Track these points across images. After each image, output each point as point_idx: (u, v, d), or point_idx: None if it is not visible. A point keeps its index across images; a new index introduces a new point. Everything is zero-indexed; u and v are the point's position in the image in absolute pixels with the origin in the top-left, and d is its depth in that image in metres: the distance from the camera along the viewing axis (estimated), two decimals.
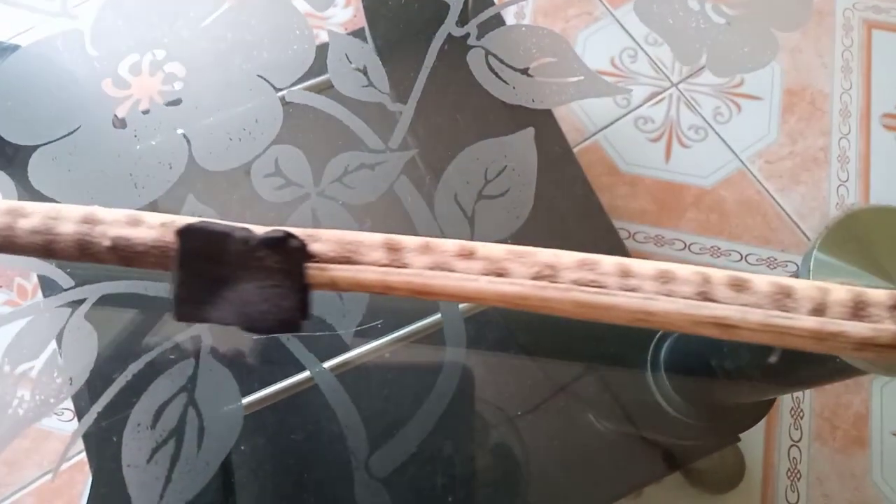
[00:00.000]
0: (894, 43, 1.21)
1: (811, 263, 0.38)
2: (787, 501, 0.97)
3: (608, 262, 0.23)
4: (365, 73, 0.42)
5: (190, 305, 0.20)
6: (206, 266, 0.18)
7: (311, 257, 0.22)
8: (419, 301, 0.25)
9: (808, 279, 0.33)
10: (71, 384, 0.37)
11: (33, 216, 0.21)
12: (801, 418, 1.00)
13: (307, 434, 0.40)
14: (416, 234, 0.39)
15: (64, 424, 1.01)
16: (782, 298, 0.20)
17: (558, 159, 0.46)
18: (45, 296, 0.44)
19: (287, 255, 0.22)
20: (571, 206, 0.45)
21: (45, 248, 0.21)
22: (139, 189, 0.39)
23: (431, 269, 0.23)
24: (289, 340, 0.38)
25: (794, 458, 1.00)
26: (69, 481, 1.03)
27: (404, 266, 0.23)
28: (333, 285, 0.22)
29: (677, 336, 0.57)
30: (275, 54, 0.42)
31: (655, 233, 1.15)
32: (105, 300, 0.38)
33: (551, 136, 0.46)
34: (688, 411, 0.57)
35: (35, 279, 1.07)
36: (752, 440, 1.01)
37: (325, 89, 0.42)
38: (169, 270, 0.22)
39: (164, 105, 0.42)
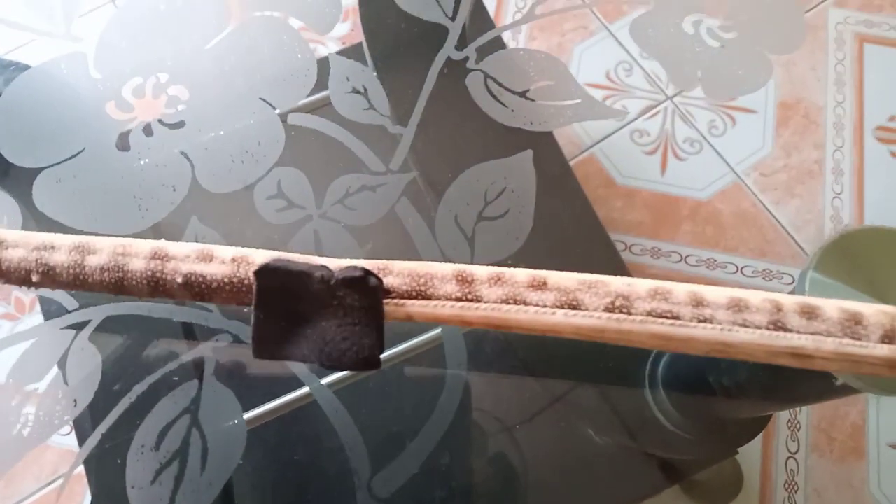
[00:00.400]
0: (886, 56, 1.23)
1: (807, 283, 0.39)
2: None
3: (680, 290, 0.23)
4: (366, 95, 0.43)
5: (269, 343, 0.20)
6: (285, 304, 0.19)
7: (387, 293, 0.23)
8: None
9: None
10: (75, 405, 0.37)
11: (101, 253, 0.22)
12: (799, 430, 1.01)
13: (309, 453, 0.41)
14: (417, 255, 0.40)
15: (62, 438, 1.01)
16: (852, 325, 0.21)
17: (557, 179, 0.47)
18: (44, 314, 0.44)
19: (365, 292, 0.22)
20: (571, 226, 0.46)
21: (115, 285, 0.21)
22: (143, 211, 0.40)
23: (505, 301, 0.23)
24: (296, 365, 0.38)
25: (791, 469, 1.01)
26: (68, 493, 1.02)
27: (478, 299, 0.23)
28: (409, 320, 0.23)
29: (675, 353, 0.58)
30: (277, 77, 0.42)
31: (652, 245, 1.16)
32: (109, 322, 0.39)
33: (550, 157, 0.47)
34: (685, 426, 0.58)
35: (33, 293, 1.07)
36: (749, 452, 1.01)
37: (325, 109, 0.43)
38: (242, 305, 0.22)
39: (167, 127, 0.42)
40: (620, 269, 0.48)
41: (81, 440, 0.38)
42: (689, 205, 1.15)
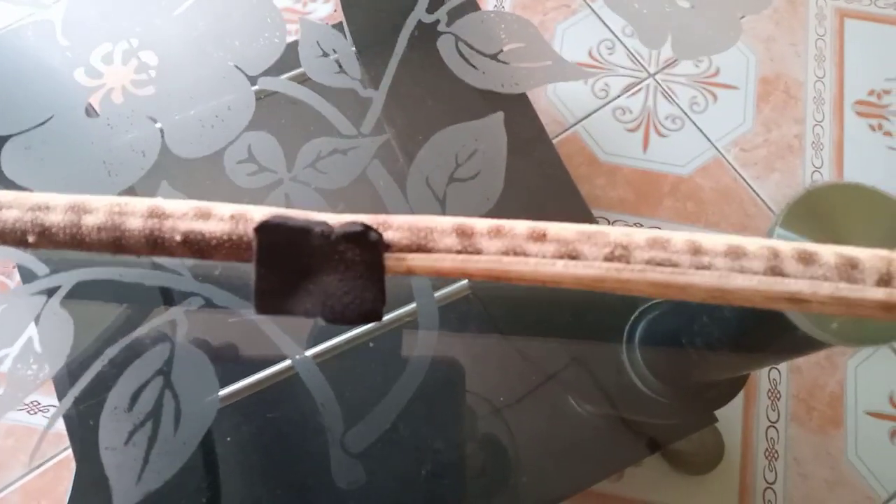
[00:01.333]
0: (866, 31, 1.23)
1: (773, 238, 0.39)
2: (766, 481, 0.98)
3: (678, 239, 0.23)
4: (336, 60, 0.43)
5: (271, 298, 0.20)
6: (286, 260, 0.19)
7: (387, 247, 0.23)
8: (397, 289, 0.25)
9: None
10: (48, 370, 0.37)
11: (98, 212, 0.21)
12: (779, 400, 1.02)
13: (284, 414, 0.41)
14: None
15: (44, 421, 1.00)
16: (849, 269, 0.21)
17: (532, 142, 0.47)
18: (22, 279, 0.44)
19: (366, 246, 0.22)
20: (544, 187, 0.46)
21: (113, 244, 0.21)
22: (113, 177, 0.40)
23: (506, 253, 0.23)
24: (268, 326, 0.39)
25: (771, 438, 1.02)
26: (55, 478, 1.02)
27: (478, 252, 0.23)
28: (410, 273, 0.23)
29: (653, 316, 0.58)
30: (247, 43, 0.42)
31: (634, 221, 1.17)
32: (81, 287, 0.39)
33: (525, 120, 0.47)
34: (662, 391, 0.58)
35: (17, 276, 1.06)
36: (730, 422, 1.03)
37: (295, 74, 0.43)
38: (242, 261, 0.22)
39: (136, 93, 0.42)
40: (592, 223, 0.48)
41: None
42: (671, 181, 1.15)
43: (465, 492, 0.44)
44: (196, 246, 0.21)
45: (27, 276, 0.39)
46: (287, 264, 0.19)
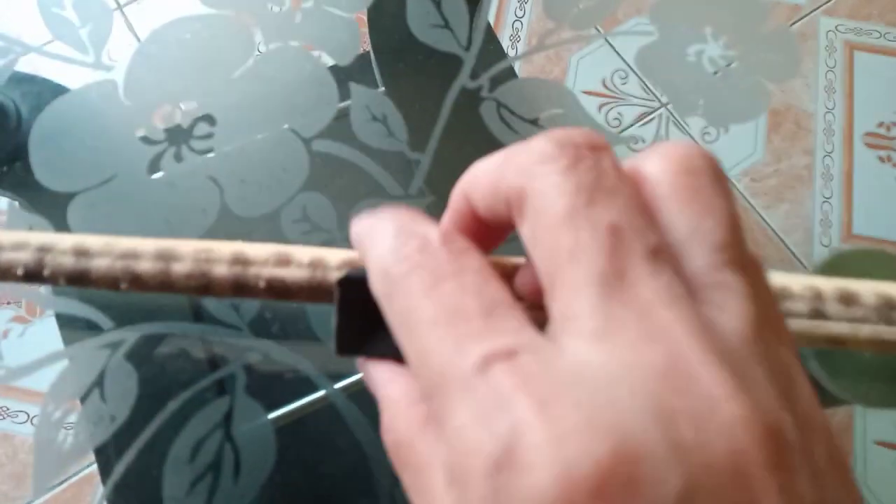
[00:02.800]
0: (876, 64, 1.26)
1: None
2: None
3: None
4: (385, 123, 0.45)
5: (350, 342, 0.22)
6: (365, 309, 0.21)
7: None
8: None
9: None
10: (113, 422, 0.39)
11: (185, 260, 0.23)
12: None
13: (334, 463, 0.43)
14: None
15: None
16: (887, 311, 0.21)
17: None
18: (58, 322, 0.45)
19: None
20: None
21: (202, 290, 0.23)
22: (175, 234, 0.42)
23: None
24: (318, 377, 0.41)
25: None
26: (77, 494, 1.04)
27: None
28: None
29: None
30: (300, 105, 0.45)
31: None
32: (144, 341, 0.41)
33: None
34: None
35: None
36: None
37: (347, 136, 0.45)
38: (322, 302, 0.24)
39: (196, 153, 0.44)
40: None
41: (101, 459, 0.40)
42: None
43: None
44: (278, 291, 0.24)
45: (92, 328, 0.42)
46: (365, 313, 0.21)
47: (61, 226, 0.43)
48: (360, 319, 0.20)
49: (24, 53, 0.49)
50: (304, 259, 0.23)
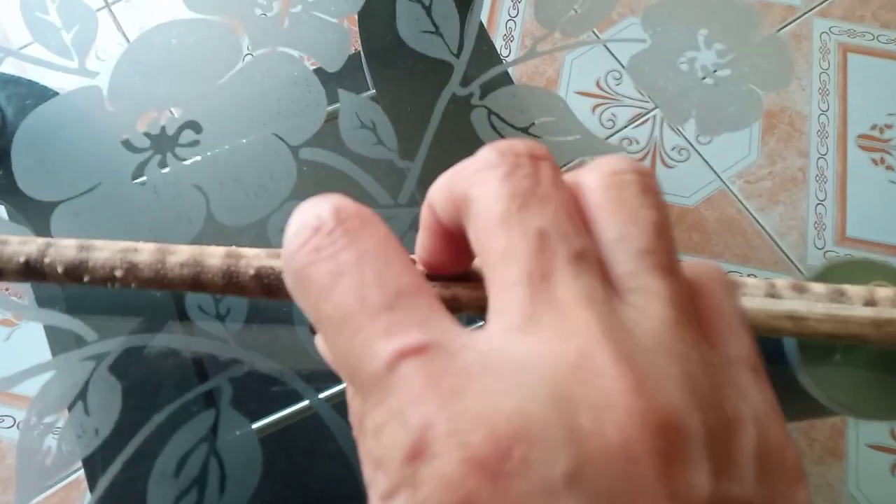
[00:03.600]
0: (869, 66, 1.25)
1: None
2: None
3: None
4: (374, 130, 0.44)
5: None
6: None
7: (433, 278, 0.25)
8: None
9: None
10: (96, 435, 0.39)
11: (181, 253, 0.24)
12: None
13: (321, 479, 0.42)
14: None
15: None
16: (837, 296, 0.23)
17: None
18: (49, 343, 0.45)
19: None
20: None
21: (192, 279, 0.24)
22: (160, 244, 0.41)
23: None
24: (305, 388, 0.40)
25: None
26: (65, 499, 1.03)
27: None
28: (456, 302, 0.24)
29: None
30: (288, 112, 0.44)
31: None
32: (128, 353, 0.40)
33: None
34: None
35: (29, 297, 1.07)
36: None
37: (335, 143, 0.45)
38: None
39: (182, 161, 0.44)
40: None
41: (88, 472, 0.40)
42: (676, 211, 1.17)
43: None
44: (266, 280, 0.24)
45: (77, 341, 0.41)
46: None
47: (44, 235, 0.42)
48: None
49: (5, 58, 0.48)
50: None
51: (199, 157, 0.43)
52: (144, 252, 0.25)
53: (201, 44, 0.45)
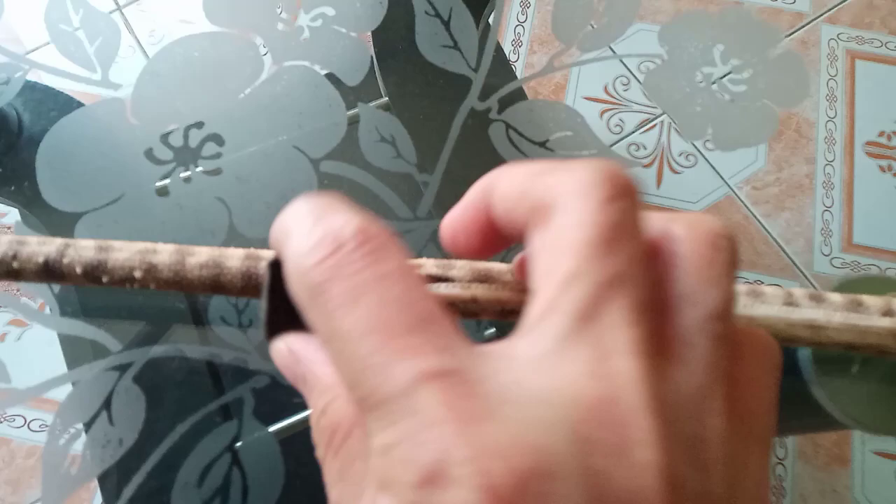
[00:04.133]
0: (877, 73, 1.26)
1: None
2: None
3: None
4: (393, 144, 0.45)
5: (280, 327, 0.22)
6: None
7: (448, 279, 0.24)
8: None
9: None
10: (121, 444, 0.39)
11: (201, 254, 0.24)
12: (786, 437, 1.04)
13: None
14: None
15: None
16: (855, 306, 0.23)
17: None
18: (63, 349, 0.45)
19: None
20: None
21: (212, 281, 0.23)
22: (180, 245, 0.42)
23: None
24: None
25: (779, 475, 1.04)
26: (74, 498, 1.04)
27: None
28: (475, 303, 0.24)
29: None
30: (309, 126, 0.44)
31: None
32: (152, 363, 0.41)
33: None
34: None
35: (39, 300, 1.08)
36: None
37: (355, 157, 0.45)
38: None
39: (204, 174, 0.44)
40: None
41: (108, 482, 0.40)
42: None
43: None
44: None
45: (95, 348, 0.42)
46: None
47: None
48: (291, 303, 0.20)
49: (29, 69, 0.49)
50: None
51: (221, 171, 0.44)
52: (164, 253, 0.24)
53: (223, 57, 0.45)
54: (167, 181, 0.44)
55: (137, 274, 0.25)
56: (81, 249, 0.25)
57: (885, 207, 1.21)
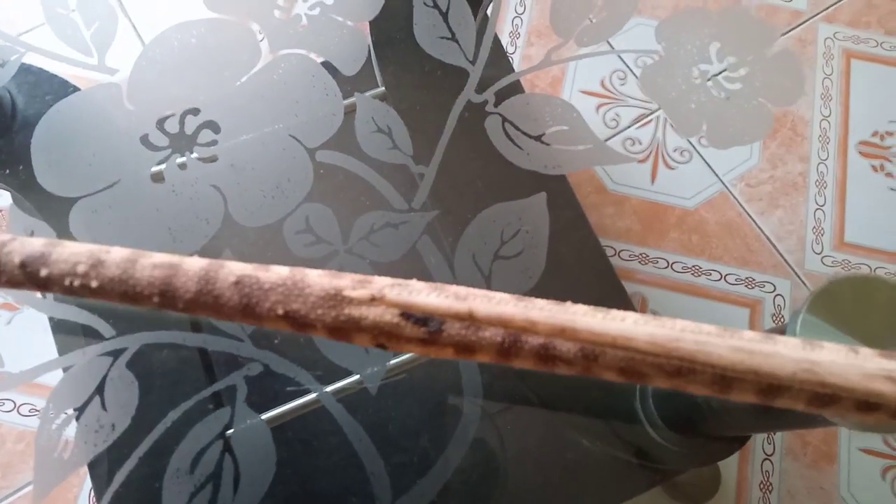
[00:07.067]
0: (872, 73, 1.26)
1: (798, 324, 0.42)
2: None
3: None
4: (390, 135, 0.45)
5: None
6: None
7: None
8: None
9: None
10: (113, 430, 0.39)
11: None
12: (774, 433, 1.05)
13: (333, 478, 0.43)
14: None
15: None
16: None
17: (570, 221, 0.49)
18: (54, 334, 0.45)
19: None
20: (582, 268, 0.49)
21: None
22: (177, 242, 0.42)
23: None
24: (321, 392, 0.41)
25: (766, 471, 1.05)
26: (64, 485, 1.04)
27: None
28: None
29: None
30: (306, 115, 0.44)
31: (640, 251, 1.19)
32: (145, 349, 0.41)
33: (564, 201, 0.49)
34: (672, 440, 0.61)
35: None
36: None
37: (351, 147, 0.45)
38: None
39: (200, 161, 0.44)
40: (629, 307, 0.51)
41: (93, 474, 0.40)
42: (677, 213, 1.18)
43: None
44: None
45: (90, 335, 0.42)
46: None
47: (63, 230, 0.43)
48: None
49: (26, 52, 0.49)
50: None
51: (217, 158, 0.44)
52: (189, 276, 0.24)
53: (220, 44, 0.45)
54: (162, 167, 0.44)
55: (155, 300, 0.24)
56: (108, 268, 0.25)
57: (878, 207, 1.22)
